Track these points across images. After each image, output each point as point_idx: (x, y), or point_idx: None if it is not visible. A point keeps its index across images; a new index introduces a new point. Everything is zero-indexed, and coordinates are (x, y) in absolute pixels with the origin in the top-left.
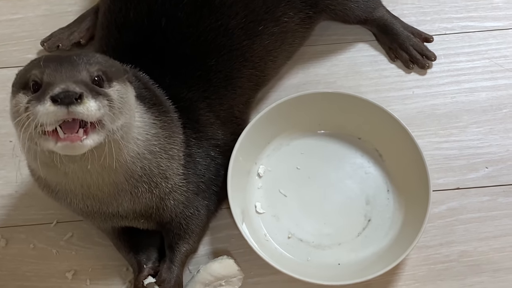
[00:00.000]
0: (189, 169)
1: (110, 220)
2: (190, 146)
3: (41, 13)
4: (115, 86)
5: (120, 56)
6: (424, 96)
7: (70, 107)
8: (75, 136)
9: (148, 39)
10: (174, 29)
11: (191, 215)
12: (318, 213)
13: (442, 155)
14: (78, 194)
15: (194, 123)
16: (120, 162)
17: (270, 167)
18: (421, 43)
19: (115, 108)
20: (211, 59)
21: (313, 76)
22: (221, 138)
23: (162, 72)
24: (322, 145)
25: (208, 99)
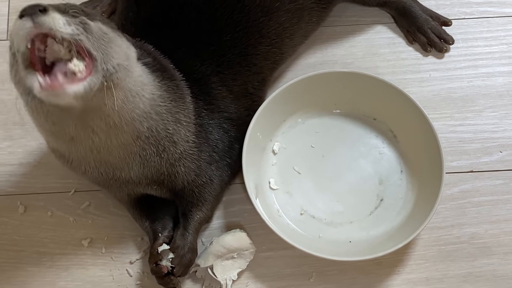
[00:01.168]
0: (200, 138)
1: (125, 187)
2: (202, 116)
3: None
4: (97, 23)
5: (137, 29)
6: (440, 79)
7: (35, 17)
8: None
9: (165, 13)
10: (191, 4)
11: (203, 184)
12: (331, 191)
13: (457, 138)
14: (90, 161)
15: (205, 95)
16: (126, 119)
17: (285, 145)
18: (440, 26)
19: (93, 34)
20: (226, 35)
21: (331, 57)
22: (234, 112)
23: (176, 45)
24: (337, 125)
25: (221, 73)
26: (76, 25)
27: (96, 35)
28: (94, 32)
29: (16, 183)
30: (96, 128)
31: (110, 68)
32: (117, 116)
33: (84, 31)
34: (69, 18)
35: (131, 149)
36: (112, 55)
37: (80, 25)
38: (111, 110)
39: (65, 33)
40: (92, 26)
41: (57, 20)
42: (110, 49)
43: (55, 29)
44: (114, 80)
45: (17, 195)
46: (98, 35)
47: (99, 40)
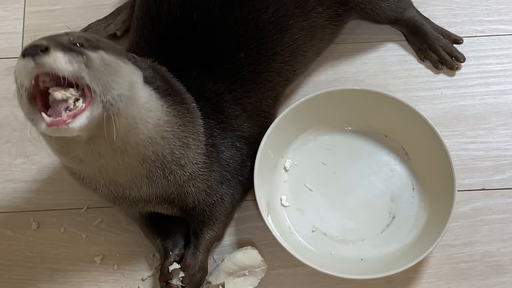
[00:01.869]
0: (211, 158)
1: (135, 205)
2: (214, 136)
3: (79, 4)
4: (101, 53)
5: (151, 47)
6: (452, 97)
7: (36, 58)
8: (60, 120)
9: (179, 31)
10: (205, 21)
11: (214, 203)
12: (342, 208)
13: (469, 155)
14: (100, 180)
15: (218, 114)
16: (130, 144)
17: (296, 161)
18: (451, 44)
19: (96, 69)
20: (240, 52)
21: (342, 74)
22: (247, 130)
23: (189, 64)
24: (349, 142)
25: (234, 91)
26: (78, 63)
27: (97, 69)
28: (96, 65)
29: (29, 199)
30: (102, 152)
31: (110, 100)
32: (121, 141)
33: (85, 67)
34: (70, 56)
35: (138, 171)
36: (112, 87)
37: (82, 61)
38: (115, 136)
39: (67, 72)
40: (94, 60)
41: (58, 60)
42: (111, 80)
43: (56, 68)
44: (114, 110)
45: (30, 211)
46: (100, 68)
47: (100, 72)
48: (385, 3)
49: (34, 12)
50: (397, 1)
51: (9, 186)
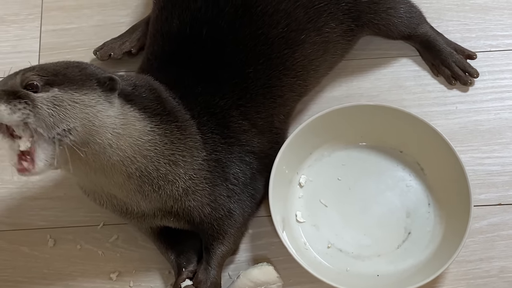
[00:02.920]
0: (214, 173)
1: (143, 220)
2: (218, 151)
3: (95, 23)
4: (53, 92)
5: (160, 63)
6: (467, 112)
7: None
8: (22, 168)
9: (188, 47)
10: (214, 37)
11: (222, 217)
12: (358, 224)
13: (485, 170)
14: (102, 194)
15: (223, 129)
16: (106, 165)
17: (311, 177)
18: (464, 59)
19: (42, 112)
20: (249, 67)
21: (356, 89)
22: (256, 145)
23: (197, 80)
24: (364, 157)
25: (242, 106)
26: (22, 110)
27: (44, 111)
28: (42, 109)
29: (46, 216)
30: (88, 170)
31: (55, 135)
32: (97, 163)
33: (31, 112)
34: (13, 106)
35: (128, 187)
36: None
37: (27, 108)
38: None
39: (12, 121)
40: (41, 104)
41: (1, 112)
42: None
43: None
44: (68, 143)
45: (47, 228)
46: (47, 109)
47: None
48: (398, 18)
49: (50, 31)
50: (410, 16)
51: (25, 204)
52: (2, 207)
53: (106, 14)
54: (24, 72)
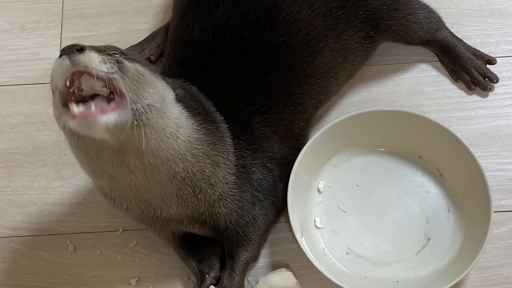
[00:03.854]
0: (242, 179)
1: (167, 225)
2: (244, 157)
3: (114, 30)
4: (135, 64)
5: (183, 70)
6: (487, 117)
7: (72, 56)
8: (88, 112)
9: (210, 54)
10: (236, 45)
11: (247, 223)
12: (377, 230)
13: (505, 176)
14: (131, 198)
15: (248, 136)
16: (160, 158)
17: (330, 183)
18: (484, 65)
19: (129, 75)
20: (271, 75)
21: (375, 95)
22: (278, 152)
23: (220, 86)
24: (383, 163)
25: (265, 113)
26: (112, 64)
27: (130, 75)
28: (129, 72)
29: (66, 222)
30: (132, 166)
31: (139, 108)
32: (151, 155)
33: (118, 70)
34: (105, 56)
35: (168, 188)
36: (143, 96)
37: (116, 64)
38: (145, 148)
39: (100, 71)
40: (128, 66)
41: (93, 58)
42: (143, 90)
43: (90, 67)
44: (144, 120)
45: (67, 234)
46: (133, 75)
47: (132, 80)
48: (417, 24)
49: (70, 38)
50: (429, 22)
51: (46, 209)
52: (24, 213)
53: (126, 22)
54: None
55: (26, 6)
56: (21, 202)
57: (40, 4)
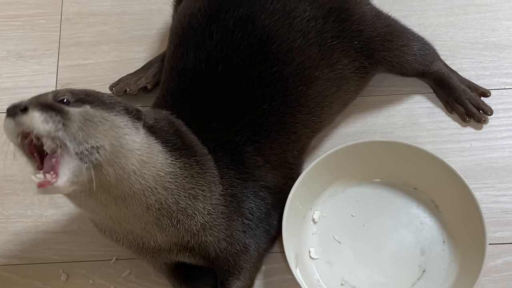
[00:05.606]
0: (230, 208)
1: (158, 255)
2: (233, 186)
3: (111, 59)
4: (86, 107)
5: (176, 100)
6: (482, 149)
7: (16, 118)
8: (45, 181)
9: (203, 83)
10: (229, 74)
11: (238, 252)
12: (372, 261)
13: (500, 208)
14: (117, 230)
15: (238, 165)
16: (127, 192)
17: (325, 213)
18: (478, 97)
19: (73, 125)
20: (264, 104)
21: (370, 126)
22: (271, 180)
23: (211, 116)
24: (378, 194)
25: (257, 142)
26: (55, 121)
27: (75, 125)
28: (74, 122)
29: (59, 251)
30: (104, 200)
31: (83, 151)
32: (116, 190)
33: (62, 126)
34: (47, 115)
35: (146, 219)
36: (88, 141)
37: (60, 119)
38: (107, 185)
39: (43, 131)
40: (73, 116)
41: (35, 119)
42: (90, 134)
43: (33, 128)
44: (94, 161)
45: (60, 263)
46: (79, 123)
47: (78, 128)
48: (412, 56)
49: (67, 66)
50: (423, 54)
51: (39, 238)
52: (16, 241)
53: (123, 50)
54: (56, 91)
55: (23, 34)
56: (14, 230)
57: (37, 32)
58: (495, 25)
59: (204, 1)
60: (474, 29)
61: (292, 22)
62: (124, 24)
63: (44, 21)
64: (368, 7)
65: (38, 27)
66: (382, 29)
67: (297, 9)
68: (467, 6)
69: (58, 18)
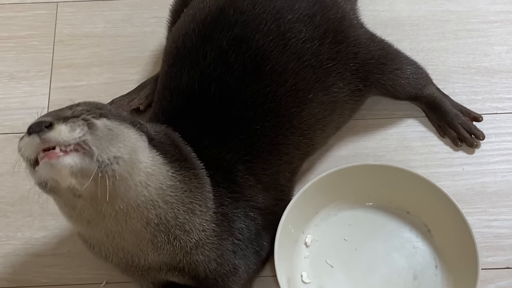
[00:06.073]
0: (221, 227)
1: (147, 274)
2: (224, 205)
3: (104, 80)
4: (103, 120)
5: (168, 118)
6: (474, 174)
7: (41, 135)
8: (53, 153)
9: (196, 102)
10: (222, 93)
11: (227, 273)
12: (364, 285)
13: (492, 233)
14: (108, 246)
15: (230, 183)
16: (131, 205)
17: (317, 237)
18: (470, 121)
19: (98, 134)
20: (257, 124)
21: (363, 149)
22: (261, 201)
23: (202, 133)
24: (370, 218)
25: (249, 162)
26: (81, 127)
27: (99, 133)
28: (99, 130)
29: (49, 274)
30: (105, 211)
31: (105, 160)
32: (121, 202)
33: (88, 129)
34: (73, 124)
35: (142, 235)
36: (110, 150)
37: (85, 124)
38: (113, 196)
39: (72, 140)
40: (97, 124)
41: (63, 132)
42: (111, 144)
43: (62, 141)
44: (109, 171)
45: (49, 286)
46: (102, 132)
47: (102, 137)
48: (405, 79)
49: (59, 88)
50: (416, 77)
51: (29, 260)
52: (6, 264)
53: (116, 72)
54: (72, 105)
55: (16, 56)
56: (4, 252)
57: (30, 53)
58: (486, 50)
59: (198, 21)
60: (466, 54)
61: (287, 43)
62: (118, 46)
63: (37, 43)
64: (362, 30)
65: (31, 49)
66: (376, 52)
67: (292, 30)
68: (459, 31)
69: (51, 40)
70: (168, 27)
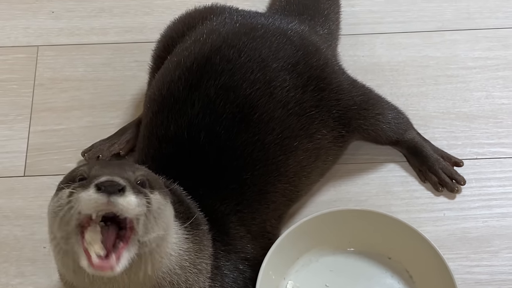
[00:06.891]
0: (216, 281)
1: None
2: (218, 258)
3: (84, 124)
4: (156, 194)
5: (158, 166)
6: (455, 219)
7: (112, 197)
8: (105, 264)
9: (186, 151)
10: (212, 142)
11: None
12: None
13: (474, 279)
14: None
15: (224, 236)
16: (149, 276)
17: (298, 283)
18: (451, 166)
19: (151, 212)
20: (247, 173)
21: (345, 194)
22: (250, 252)
23: (197, 183)
24: (352, 264)
25: (240, 212)
26: (145, 204)
27: (153, 212)
28: (153, 210)
29: None
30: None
31: (146, 241)
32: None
33: (146, 211)
34: (139, 199)
35: None
36: (154, 229)
37: (145, 206)
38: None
39: (133, 214)
40: (153, 203)
41: (131, 203)
42: (156, 223)
43: (127, 212)
44: (146, 252)
45: None
46: (155, 212)
47: (153, 217)
48: (386, 124)
49: (39, 132)
50: (398, 122)
51: None
52: None
53: (96, 116)
54: (132, 169)
55: None
56: None
57: (9, 97)
58: (466, 96)
59: (184, 68)
60: (446, 100)
61: (273, 92)
62: (98, 90)
63: (16, 86)
64: (344, 76)
65: (10, 92)
66: (358, 97)
67: (277, 79)
68: (438, 77)
69: (31, 83)
70: (150, 72)
